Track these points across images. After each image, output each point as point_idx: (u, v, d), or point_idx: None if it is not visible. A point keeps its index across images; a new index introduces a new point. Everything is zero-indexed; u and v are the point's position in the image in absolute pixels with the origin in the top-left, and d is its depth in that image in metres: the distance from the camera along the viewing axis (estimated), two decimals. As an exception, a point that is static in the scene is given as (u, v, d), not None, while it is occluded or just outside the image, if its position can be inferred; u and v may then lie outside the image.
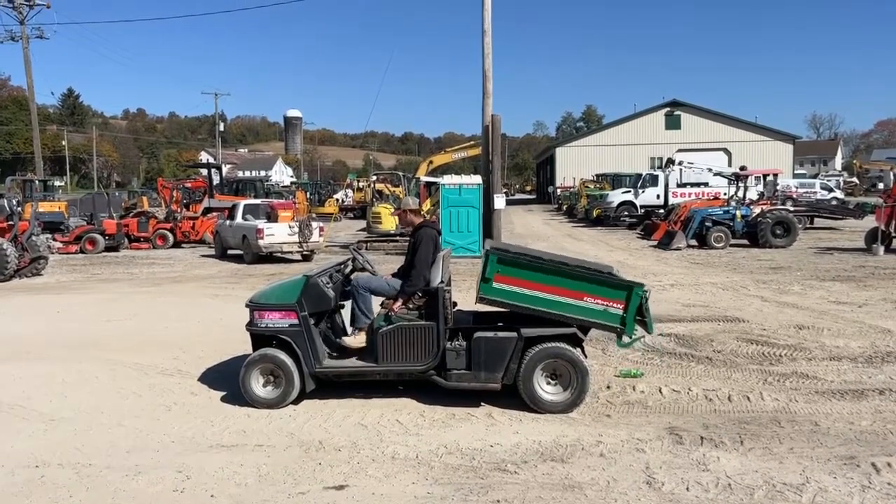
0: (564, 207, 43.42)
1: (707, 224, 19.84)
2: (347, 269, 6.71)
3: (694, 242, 19.94)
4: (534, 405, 5.75)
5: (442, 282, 6.08)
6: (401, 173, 26.08)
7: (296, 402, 6.05)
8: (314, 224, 18.71)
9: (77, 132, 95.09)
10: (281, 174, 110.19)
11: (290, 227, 17.92)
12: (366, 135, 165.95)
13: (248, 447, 5.13)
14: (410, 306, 6.13)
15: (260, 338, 6.20)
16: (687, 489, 4.24)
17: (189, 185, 30.54)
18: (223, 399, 6.27)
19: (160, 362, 7.56)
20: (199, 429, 5.53)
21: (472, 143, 27.67)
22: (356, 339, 6.21)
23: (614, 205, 30.23)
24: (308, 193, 42.32)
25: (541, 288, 5.74)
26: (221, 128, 74.24)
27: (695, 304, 10.78)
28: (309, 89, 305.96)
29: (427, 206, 22.02)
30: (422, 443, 5.13)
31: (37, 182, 29.18)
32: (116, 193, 40.58)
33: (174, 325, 9.82)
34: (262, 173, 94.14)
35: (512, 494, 4.21)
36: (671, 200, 28.19)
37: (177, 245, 23.29)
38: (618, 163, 50.43)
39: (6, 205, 21.64)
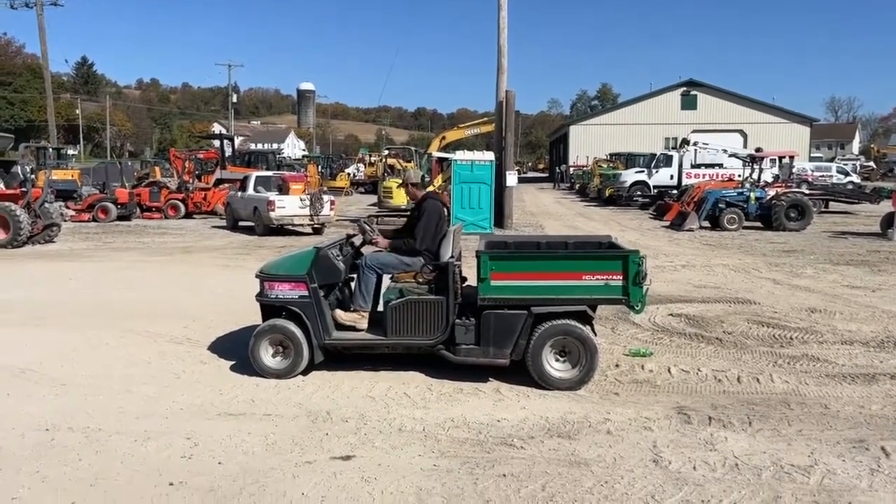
0: (577, 186, 43.22)
1: (720, 205, 19.66)
2: (358, 242, 6.68)
3: (706, 224, 19.80)
4: (542, 382, 5.75)
5: (452, 256, 6.06)
6: (413, 148, 25.97)
7: (304, 372, 6.07)
8: (325, 197, 18.70)
9: (91, 101, 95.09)
10: (293, 147, 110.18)
11: (301, 199, 17.93)
12: (378, 109, 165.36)
13: (256, 416, 5.16)
14: (420, 280, 6.10)
15: (270, 308, 6.20)
16: (694, 468, 4.23)
17: (201, 156, 30.56)
18: (232, 368, 6.30)
19: (170, 331, 7.60)
20: (207, 397, 5.56)
21: (485, 119, 27.48)
22: (348, 316, 6.19)
23: (627, 184, 30.02)
24: (320, 167, 42.26)
25: (538, 276, 5.73)
26: (234, 99, 74.09)
27: (706, 285, 10.71)
28: (322, 62, 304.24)
29: (438, 181, 21.95)
30: (429, 416, 5.14)
31: (50, 150, 29.28)
32: (129, 163, 40.70)
33: (185, 294, 9.87)
34: (275, 146, 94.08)
35: (518, 469, 4.21)
36: (685, 181, 27.95)
37: (188, 216, 23.36)
38: (632, 142, 50.03)
39: (20, 172, 21.75)
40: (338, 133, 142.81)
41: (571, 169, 52.23)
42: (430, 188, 21.92)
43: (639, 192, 29.45)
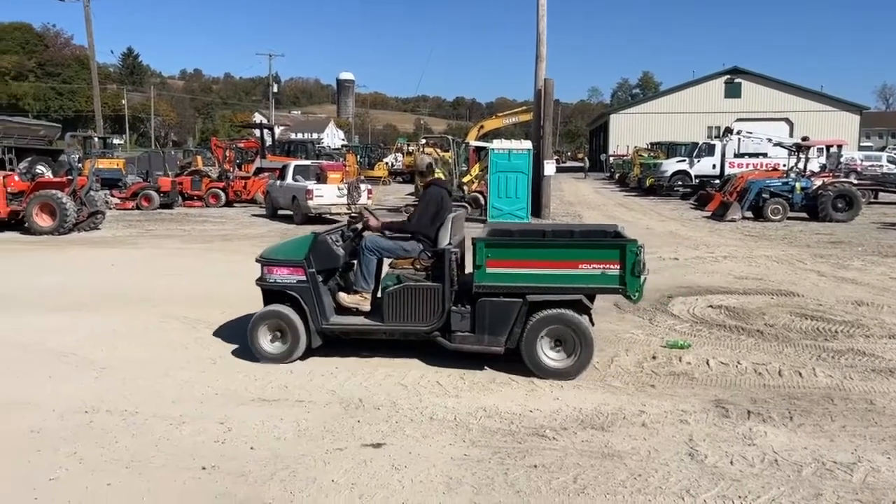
0: (616, 176, 42.70)
1: (764, 196, 19.20)
2: (359, 227, 6.60)
3: (749, 214, 19.36)
4: (536, 370, 5.69)
5: (450, 244, 6.02)
6: (450, 137, 25.85)
7: (303, 357, 6.10)
8: (363, 186, 18.76)
9: (136, 91, 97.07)
10: (332, 137, 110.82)
11: (338, 188, 18.02)
12: (417, 99, 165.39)
13: (288, 402, 5.19)
14: (418, 267, 6.09)
15: (270, 293, 6.26)
16: (731, 463, 4.12)
17: (242, 145, 30.92)
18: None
19: (208, 317, 7.70)
20: (242, 382, 5.61)
21: (523, 108, 27.26)
22: (350, 298, 6.22)
23: (668, 174, 29.53)
24: (358, 156, 42.46)
25: (534, 265, 5.66)
26: (275, 89, 74.86)
27: (747, 276, 10.47)
28: (362, 52, 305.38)
29: (476, 170, 21.85)
30: (461, 405, 5.11)
31: (96, 139, 29.94)
32: (172, 152, 41.35)
33: (223, 281, 9.99)
34: (314, 135, 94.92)
35: (549, 460, 4.15)
36: (727, 171, 27.35)
37: (228, 204, 23.67)
38: (673, 131, 49.23)
39: (67, 160, 22.28)
40: (376, 123, 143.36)
41: (611, 158, 51.62)
42: (467, 177, 21.91)
43: (680, 182, 28.97)
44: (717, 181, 25.42)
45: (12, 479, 3.93)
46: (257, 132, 32.22)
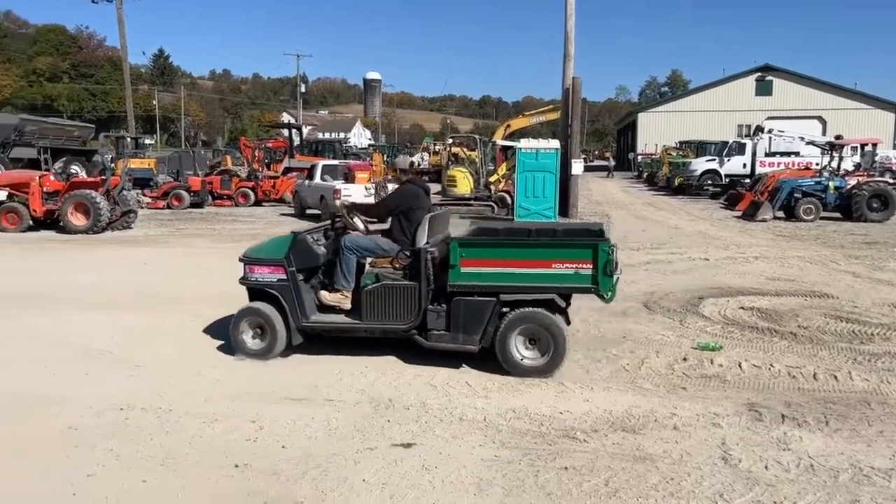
0: (644, 175, 42.35)
1: (796, 195, 18.90)
2: (339, 227, 6.63)
3: (781, 214, 19.06)
4: (509, 368, 5.72)
5: (427, 243, 6.04)
6: (477, 137, 25.77)
7: (283, 354, 6.21)
8: (390, 186, 18.80)
9: (166, 92, 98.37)
10: (359, 136, 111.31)
11: (366, 188, 18.10)
12: (443, 98, 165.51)
13: (318, 401, 5.22)
14: (396, 266, 6.14)
15: (254, 291, 6.37)
16: (766, 468, 4.07)
17: (270, 145, 31.19)
18: (298, 353, 6.37)
19: (238, 315, 7.76)
20: (272, 381, 5.66)
21: (550, 107, 27.12)
22: (332, 297, 6.28)
23: (697, 173, 29.18)
24: (385, 156, 42.61)
25: (508, 264, 5.69)
26: (303, 89, 75.38)
27: (780, 277, 10.31)
28: (389, 52, 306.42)
29: (503, 170, 21.80)
30: (490, 406, 5.10)
31: (128, 139, 30.39)
32: (202, 152, 41.85)
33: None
34: (341, 135, 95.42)
35: (580, 462, 4.13)
36: (758, 170, 26.94)
37: (258, 203, 23.90)
38: (703, 130, 48.59)
39: (100, 160, 22.66)
40: (403, 122, 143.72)
41: (639, 157, 51.19)
42: (494, 177, 21.86)
43: (709, 181, 28.61)
44: (748, 180, 25.08)
45: (51, 474, 4.01)
46: (286, 132, 32.52)
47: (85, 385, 5.57)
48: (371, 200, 16.85)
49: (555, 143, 18.69)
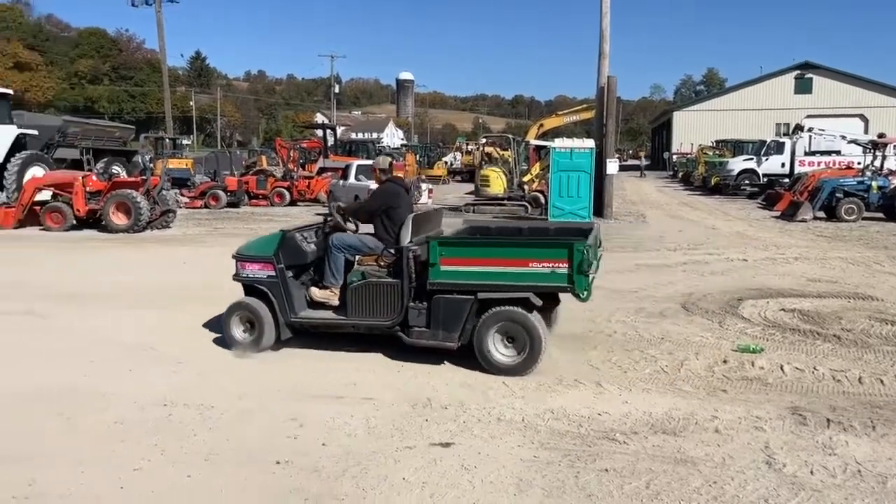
0: (680, 175, 41.85)
1: (837, 195, 18.52)
2: (330, 226, 6.76)
3: (821, 214, 18.70)
4: (486, 365, 5.79)
5: (411, 241, 6.12)
6: (510, 136, 25.71)
7: (274, 348, 6.39)
8: (423, 186, 18.87)
9: (203, 93, 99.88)
10: (392, 136, 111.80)
11: (400, 187, 18.15)
12: (476, 98, 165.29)
13: (356, 399, 5.26)
14: (381, 264, 6.28)
15: (248, 287, 6.58)
16: (811, 473, 3.99)
17: (305, 145, 31.49)
18: (335, 351, 6.43)
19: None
20: (311, 379, 5.72)
21: (584, 106, 26.92)
22: (321, 293, 6.47)
23: (734, 173, 28.76)
24: (417, 156, 42.75)
25: (486, 263, 5.76)
26: (336, 90, 75.94)
27: (821, 278, 10.11)
28: (421, 52, 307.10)
29: (536, 170, 21.71)
30: (528, 406, 5.09)
31: (167, 140, 30.95)
32: (238, 152, 42.43)
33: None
34: (374, 135, 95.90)
35: (621, 464, 4.10)
36: (797, 169, 26.46)
37: (293, 203, 24.13)
38: (740, 129, 47.88)
39: (140, 161, 23.10)
40: (435, 122, 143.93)
41: (674, 156, 50.61)
42: (527, 177, 21.79)
43: (747, 181, 28.18)
44: (787, 180, 24.66)
45: (99, 468, 4.10)
46: (320, 132, 32.77)
47: (129, 381, 5.68)
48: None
49: (589, 143, 18.57)
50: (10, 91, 21.37)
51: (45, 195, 16.48)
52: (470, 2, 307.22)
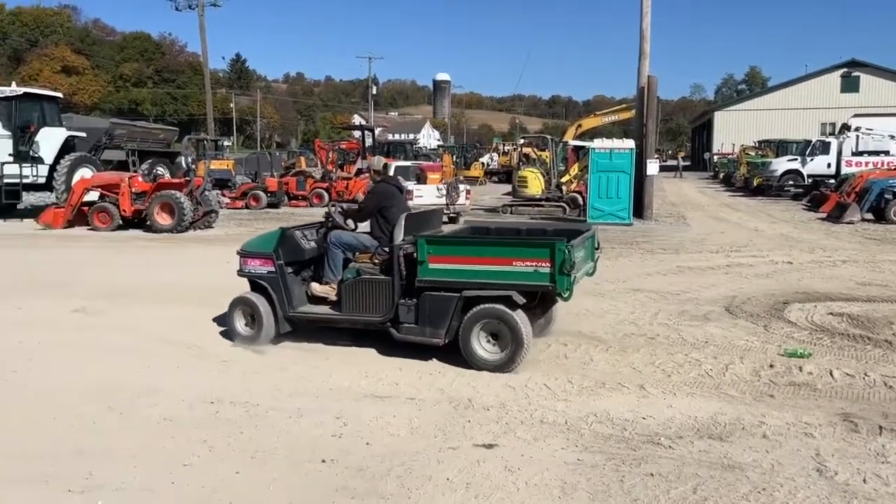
0: (721, 175, 41.20)
1: (887, 196, 18.03)
2: (329, 224, 7.01)
3: (870, 216, 18.24)
4: (471, 362, 5.91)
5: (403, 240, 6.22)
6: (548, 136, 25.59)
7: (275, 342, 6.63)
8: (461, 187, 18.88)
9: (243, 95, 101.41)
10: (428, 137, 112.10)
11: (438, 189, 18.21)
12: (513, 98, 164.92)
13: (399, 399, 5.30)
14: (375, 261, 6.48)
15: (252, 282, 6.83)
16: (864, 481, 3.91)
17: (343, 146, 31.74)
18: (378, 351, 6.48)
19: (318, 314, 7.93)
20: (354, 378, 5.77)
21: (623, 106, 26.68)
22: (321, 288, 6.72)
23: (778, 173, 28.18)
24: (454, 157, 42.78)
25: (472, 261, 5.90)
26: (374, 91, 76.42)
27: (871, 282, 9.87)
28: (458, 53, 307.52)
29: (575, 171, 21.57)
30: (570, 409, 5.07)
31: (208, 142, 31.47)
32: (277, 153, 42.97)
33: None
34: (411, 136, 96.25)
35: (666, 469, 4.06)
36: (844, 170, 25.84)
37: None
38: (783, 129, 46.96)
39: (183, 162, 23.53)
40: (471, 122, 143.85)
41: (715, 157, 49.85)
42: (566, 177, 21.66)
43: (791, 182, 27.62)
44: (833, 181, 24.11)
45: (151, 463, 4.20)
46: (357, 133, 33.01)
47: (177, 378, 5.81)
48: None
49: (629, 143, 18.39)
50: (60, 94, 22.00)
51: (93, 196, 16.89)
52: (507, 2, 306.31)
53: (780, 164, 28.93)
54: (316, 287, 6.78)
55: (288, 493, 3.84)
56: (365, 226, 7.11)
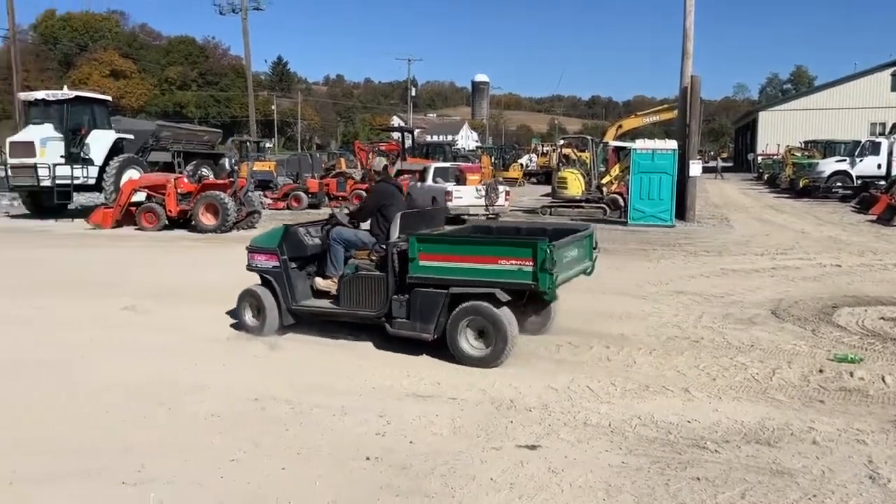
0: (766, 177, 40.40)
1: (940, 198, 17.48)
2: (333, 222, 7.24)
3: (923, 218, 17.68)
4: (456, 357, 6.09)
5: (399, 238, 6.40)
6: (589, 137, 25.42)
7: (281, 332, 6.95)
8: (501, 188, 18.86)
9: (284, 97, 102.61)
10: (466, 139, 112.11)
11: (477, 190, 18.22)
12: (551, 99, 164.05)
13: (441, 399, 5.32)
14: (372, 258, 6.71)
15: (261, 277, 7.13)
16: (919, 490, 3.80)
17: (383, 147, 31.93)
18: (419, 352, 6.49)
19: (360, 313, 8.00)
20: (396, 378, 5.81)
21: (665, 106, 26.33)
22: (324, 283, 7.00)
23: (825, 175, 27.48)
24: (492, 158, 42.71)
25: (459, 259, 6.07)
26: (413, 93, 76.74)
27: (924, 286, 9.58)
28: (497, 54, 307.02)
29: (616, 171, 21.38)
30: (614, 411, 5.03)
31: (250, 143, 31.97)
32: (317, 155, 43.41)
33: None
34: (449, 137, 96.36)
35: (713, 473, 4.00)
36: (895, 171, 25.14)
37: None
38: (830, 129, 45.81)
39: (227, 164, 23.93)
40: (510, 123, 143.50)
41: (759, 158, 48.90)
42: (606, 178, 21.47)
43: (839, 183, 26.91)
44: (883, 182, 23.45)
45: (200, 457, 4.29)
46: (396, 135, 33.18)
47: (222, 375, 5.91)
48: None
49: (671, 144, 18.15)
50: (109, 98, 22.57)
51: (140, 196, 17.30)
52: (547, 3, 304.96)
53: (828, 165, 28.23)
54: (319, 281, 7.07)
55: (333, 490, 3.89)
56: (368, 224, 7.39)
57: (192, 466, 4.17)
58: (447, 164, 22.25)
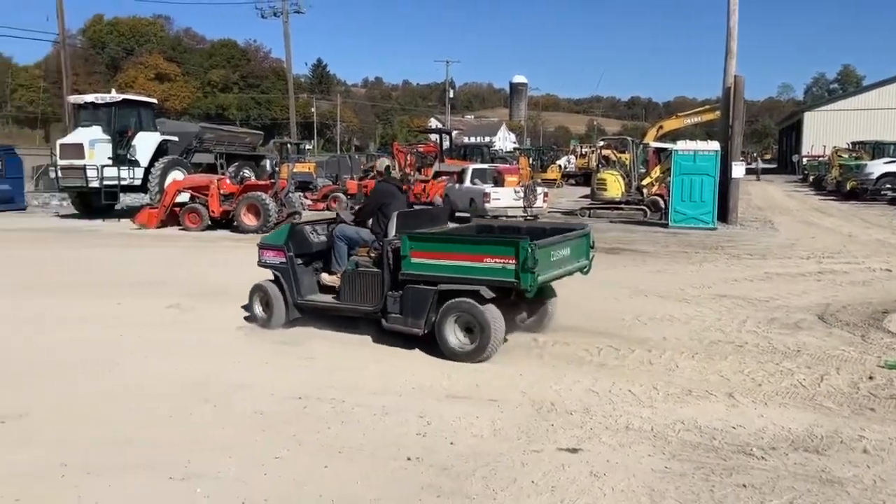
0: (811, 178, 39.51)
1: None
2: (338, 221, 7.55)
3: (977, 222, 17.12)
4: (444, 352, 6.30)
5: (396, 235, 6.62)
6: (629, 138, 25.14)
7: (287, 325, 7.23)
8: (539, 189, 18.79)
9: (323, 99, 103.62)
10: (504, 140, 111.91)
11: (515, 191, 18.18)
12: (590, 100, 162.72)
13: (481, 400, 5.32)
14: (372, 255, 6.95)
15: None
16: (976, 502, 3.68)
17: (421, 149, 32.02)
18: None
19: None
20: (436, 378, 5.83)
21: (706, 107, 25.93)
22: (329, 278, 7.31)
23: (874, 176, 26.76)
24: (531, 159, 42.54)
25: (449, 257, 6.28)
26: (451, 94, 76.86)
27: (980, 292, 9.27)
28: (535, 55, 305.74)
29: (656, 173, 21.12)
30: (656, 416, 4.97)
31: (291, 145, 32.36)
32: (356, 156, 43.74)
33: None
34: (487, 139, 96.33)
35: (759, 481, 3.93)
36: (948, 173, 24.38)
37: (409, 206, 24.53)
38: (879, 129, 44.67)
39: (268, 165, 24.26)
40: (548, 125, 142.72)
41: (804, 159, 47.86)
42: (647, 180, 21.22)
43: (888, 185, 26.20)
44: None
45: (244, 454, 4.36)
46: (434, 137, 33.25)
47: (265, 373, 6.00)
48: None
49: (714, 145, 17.86)
50: (154, 101, 23.07)
51: (184, 197, 17.65)
52: (585, 4, 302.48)
53: (877, 167, 27.49)
54: (325, 277, 7.39)
55: (376, 489, 3.92)
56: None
57: (237, 463, 4.24)
58: (485, 166, 22.25)
